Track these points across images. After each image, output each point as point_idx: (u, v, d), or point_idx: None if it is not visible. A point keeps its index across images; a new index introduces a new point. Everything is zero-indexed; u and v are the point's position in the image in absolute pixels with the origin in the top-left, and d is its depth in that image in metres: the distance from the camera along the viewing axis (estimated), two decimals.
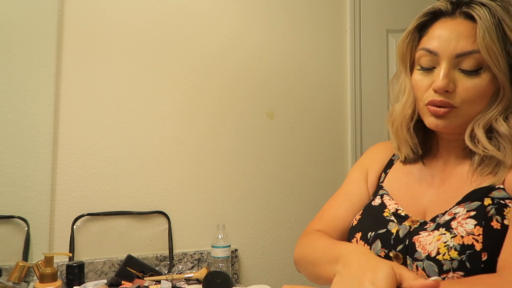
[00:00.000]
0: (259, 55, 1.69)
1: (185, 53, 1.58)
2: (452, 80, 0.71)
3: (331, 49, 1.83)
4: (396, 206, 0.79)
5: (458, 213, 0.69)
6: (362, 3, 1.87)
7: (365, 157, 0.96)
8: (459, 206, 0.70)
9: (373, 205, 0.83)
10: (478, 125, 0.71)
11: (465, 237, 0.65)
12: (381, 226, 0.76)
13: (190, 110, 1.58)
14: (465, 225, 0.66)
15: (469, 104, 0.71)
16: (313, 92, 1.79)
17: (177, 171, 1.55)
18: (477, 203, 0.69)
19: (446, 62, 0.71)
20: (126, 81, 1.49)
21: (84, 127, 1.43)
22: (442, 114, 0.72)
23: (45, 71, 1.37)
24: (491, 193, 0.69)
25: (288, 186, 1.73)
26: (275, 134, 1.72)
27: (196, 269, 1.52)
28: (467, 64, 0.70)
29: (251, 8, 1.69)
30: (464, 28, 0.70)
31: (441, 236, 0.67)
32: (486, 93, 0.70)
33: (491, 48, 0.67)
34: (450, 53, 0.70)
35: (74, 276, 1.27)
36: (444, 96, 0.71)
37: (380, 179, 0.89)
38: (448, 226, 0.68)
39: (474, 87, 0.70)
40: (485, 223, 0.65)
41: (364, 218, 0.82)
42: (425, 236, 0.69)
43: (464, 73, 0.70)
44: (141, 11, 1.52)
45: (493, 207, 0.67)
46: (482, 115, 0.71)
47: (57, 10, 1.40)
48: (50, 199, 1.37)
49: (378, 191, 0.86)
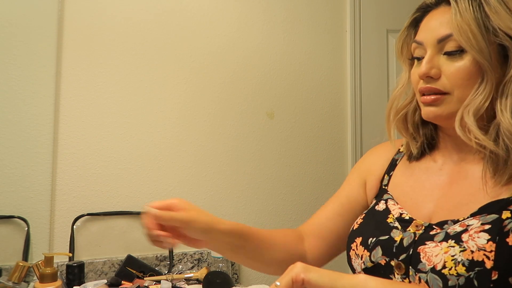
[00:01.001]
0: (259, 55, 1.70)
1: (185, 53, 1.58)
2: (435, 65, 0.69)
3: (331, 49, 1.83)
4: (400, 211, 0.76)
5: (471, 225, 0.64)
6: (362, 3, 1.87)
7: (365, 159, 0.94)
8: (474, 218, 0.65)
9: (377, 210, 0.80)
10: (467, 112, 0.67)
11: (475, 252, 0.60)
12: (384, 233, 0.73)
13: (190, 110, 1.58)
14: (477, 239, 0.62)
15: (460, 88, 0.68)
16: (313, 92, 1.79)
17: (177, 171, 1.55)
18: (494, 216, 0.63)
19: (430, 49, 0.70)
20: (126, 81, 1.49)
21: (84, 127, 1.43)
22: (430, 101, 0.70)
23: (45, 71, 1.37)
24: (511, 205, 0.64)
25: (288, 186, 1.73)
26: (275, 134, 1.72)
27: (196, 269, 1.52)
28: (449, 46, 0.68)
29: (251, 8, 1.69)
30: (446, 14, 0.70)
31: (449, 248, 0.63)
32: (473, 76, 0.67)
33: (462, 28, 0.66)
34: (432, 40, 0.70)
35: (74, 276, 1.27)
36: (430, 83, 0.70)
37: (383, 182, 0.85)
38: (459, 238, 0.63)
39: (459, 70, 0.68)
40: (500, 238, 0.60)
41: (365, 222, 0.79)
42: (431, 247, 0.65)
43: (448, 55, 0.69)
44: (141, 11, 1.52)
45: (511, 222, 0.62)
46: (470, 100, 0.67)
47: (57, 10, 1.40)
48: (50, 199, 1.37)
49: (383, 195, 0.82)
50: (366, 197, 0.88)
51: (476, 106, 0.66)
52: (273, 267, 0.86)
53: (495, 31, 0.66)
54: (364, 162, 0.93)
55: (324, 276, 0.56)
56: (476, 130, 0.65)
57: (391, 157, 0.87)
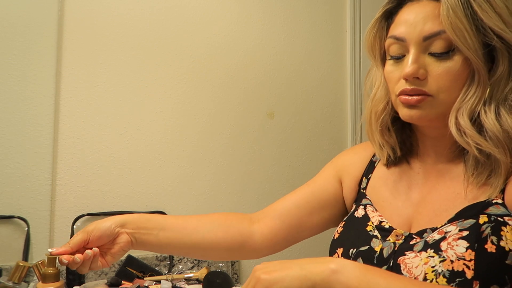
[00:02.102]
0: (258, 54, 1.69)
1: (185, 52, 1.58)
2: (422, 66, 0.64)
3: (331, 49, 1.83)
4: (379, 218, 0.73)
5: (449, 232, 0.62)
6: (362, 3, 1.87)
7: (342, 156, 0.89)
8: (451, 224, 0.63)
9: (356, 217, 0.77)
10: (461, 114, 0.63)
11: (455, 262, 0.58)
12: (364, 242, 0.71)
13: (189, 110, 1.58)
14: (455, 247, 0.60)
15: (446, 91, 0.64)
16: (313, 92, 1.79)
17: (177, 171, 1.55)
18: (471, 221, 0.62)
19: (415, 47, 0.65)
20: (125, 81, 1.49)
21: (84, 127, 1.43)
22: (414, 103, 0.65)
23: (45, 71, 1.37)
24: (488, 209, 0.62)
25: (288, 186, 1.73)
26: (275, 134, 1.72)
27: (196, 269, 1.52)
28: (436, 46, 0.64)
29: (251, 7, 1.69)
30: (430, 9, 0.64)
31: (428, 259, 0.61)
32: (461, 77, 0.63)
33: (456, 26, 0.61)
34: (417, 37, 0.65)
35: (74, 276, 1.28)
36: (416, 84, 0.64)
37: (362, 185, 0.82)
38: (437, 247, 0.61)
39: (448, 71, 0.63)
40: (478, 246, 0.59)
41: (346, 231, 0.76)
42: (411, 258, 0.63)
43: (434, 56, 0.64)
44: (141, 11, 1.52)
45: (489, 226, 0.60)
46: (461, 102, 0.63)
47: (57, 10, 1.40)
48: (50, 199, 1.37)
49: (361, 199, 0.79)
50: (342, 192, 0.85)
51: (469, 108, 0.63)
52: (211, 251, 0.84)
53: (484, 29, 0.62)
54: (341, 159, 0.88)
55: (289, 274, 0.55)
56: (474, 133, 0.62)
57: (369, 158, 0.83)
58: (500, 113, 0.63)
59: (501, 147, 0.61)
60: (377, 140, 0.76)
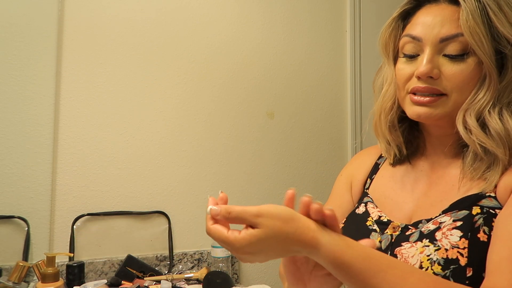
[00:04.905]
0: (258, 55, 1.69)
1: (185, 53, 1.58)
2: (436, 65, 0.67)
3: (331, 49, 1.83)
4: (379, 213, 0.76)
5: (443, 223, 0.65)
6: (362, 3, 1.87)
7: (350, 165, 0.92)
8: (446, 214, 0.66)
9: (357, 213, 0.80)
10: (469, 114, 0.66)
11: (449, 250, 0.61)
12: (363, 236, 0.72)
13: (189, 110, 1.58)
14: (450, 236, 0.63)
15: (458, 91, 0.67)
16: (313, 92, 1.79)
17: (177, 171, 1.55)
18: (464, 212, 0.65)
19: (430, 48, 0.68)
20: (126, 81, 1.49)
21: (84, 127, 1.43)
22: (426, 102, 0.68)
23: (45, 71, 1.37)
24: (481, 201, 0.65)
25: (288, 186, 1.72)
26: (275, 134, 1.72)
27: (196, 269, 1.52)
28: (452, 48, 0.66)
29: (251, 7, 1.69)
30: (448, 13, 0.67)
31: (424, 248, 0.64)
32: (473, 80, 0.67)
33: (474, 30, 0.64)
34: (434, 38, 0.67)
35: (74, 276, 1.27)
36: (429, 83, 0.67)
37: (366, 185, 0.85)
38: (432, 237, 0.64)
39: (461, 73, 0.66)
40: (471, 235, 0.62)
41: (347, 226, 0.78)
42: (407, 248, 0.66)
43: (448, 58, 0.67)
44: (141, 11, 1.52)
45: (482, 217, 0.63)
46: (470, 103, 0.67)
47: (57, 10, 1.40)
48: (50, 199, 1.37)
49: (363, 198, 0.82)
50: (353, 202, 0.87)
51: (478, 109, 0.66)
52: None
53: (498, 37, 0.65)
54: (348, 168, 0.92)
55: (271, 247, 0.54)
56: (480, 132, 0.66)
57: (374, 162, 0.87)
58: (503, 114, 0.66)
59: (502, 146, 0.65)
60: (385, 136, 0.78)
